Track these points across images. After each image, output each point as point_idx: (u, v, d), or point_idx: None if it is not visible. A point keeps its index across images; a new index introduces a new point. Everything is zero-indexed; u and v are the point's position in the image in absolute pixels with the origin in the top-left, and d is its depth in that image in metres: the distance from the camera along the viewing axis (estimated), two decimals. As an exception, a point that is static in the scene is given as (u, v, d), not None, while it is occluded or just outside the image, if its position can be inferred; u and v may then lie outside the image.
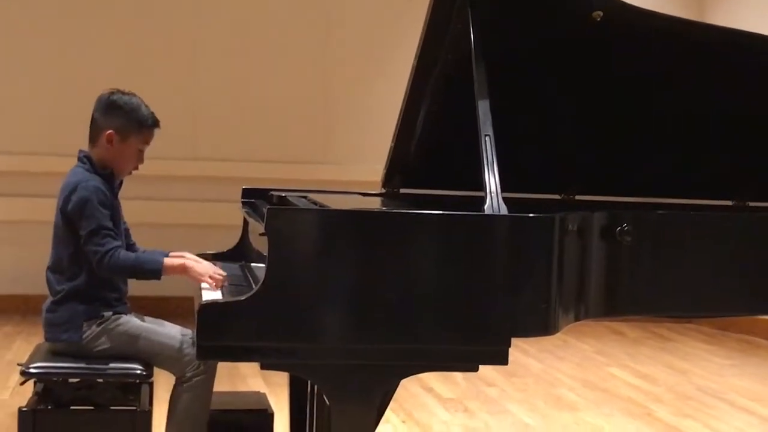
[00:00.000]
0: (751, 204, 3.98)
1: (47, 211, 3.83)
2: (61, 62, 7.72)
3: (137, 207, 5.53)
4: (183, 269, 3.43)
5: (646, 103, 3.70)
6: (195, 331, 2.74)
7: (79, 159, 3.56)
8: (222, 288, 3.36)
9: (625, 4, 3.37)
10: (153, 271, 3.41)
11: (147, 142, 3.58)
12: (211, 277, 3.37)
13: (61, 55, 7.73)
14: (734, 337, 7.87)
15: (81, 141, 3.66)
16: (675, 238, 3.30)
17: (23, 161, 7.64)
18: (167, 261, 3.44)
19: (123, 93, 3.56)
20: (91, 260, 3.38)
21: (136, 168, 3.63)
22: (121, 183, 3.62)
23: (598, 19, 3.36)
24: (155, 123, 3.56)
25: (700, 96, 3.72)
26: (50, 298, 3.50)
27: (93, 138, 3.55)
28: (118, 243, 3.41)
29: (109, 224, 3.41)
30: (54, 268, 3.51)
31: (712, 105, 3.74)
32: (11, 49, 7.71)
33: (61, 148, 6.29)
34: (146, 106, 3.56)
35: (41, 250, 3.81)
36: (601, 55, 3.52)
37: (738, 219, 3.58)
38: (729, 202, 3.97)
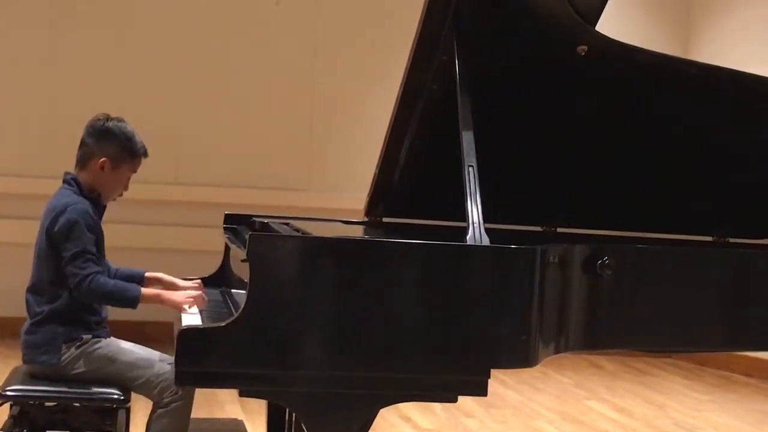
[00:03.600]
0: (731, 240, 4.00)
1: (28, 232, 3.81)
2: (45, 85, 7.70)
3: (119, 231, 5.52)
4: (159, 299, 3.44)
5: (629, 137, 3.72)
6: (174, 356, 2.73)
7: (66, 181, 3.54)
8: (202, 312, 3.36)
9: (610, 39, 3.40)
10: (130, 299, 3.41)
11: (135, 171, 3.61)
12: (187, 300, 3.40)
13: (46, 78, 7.71)
14: (712, 373, 7.89)
15: (65, 163, 3.65)
16: (655, 273, 3.31)
17: (4, 183, 7.60)
18: (144, 291, 3.45)
19: (117, 120, 3.56)
20: (70, 282, 3.37)
21: (121, 195, 3.64)
22: (104, 208, 3.62)
23: (583, 54, 3.39)
24: (145, 153, 3.58)
25: (683, 131, 3.74)
26: (29, 320, 3.48)
27: (83, 162, 3.54)
28: (99, 269, 3.41)
29: (93, 249, 3.41)
30: (34, 290, 3.49)
31: (694, 141, 3.77)
32: (-5, 70, 7.71)
33: (44, 171, 6.29)
34: (137, 134, 3.56)
35: (21, 272, 3.79)
36: (586, 89, 3.54)
37: (717, 255, 3.60)
38: (709, 238, 3.99)
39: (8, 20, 7.69)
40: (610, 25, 3.65)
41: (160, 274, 3.70)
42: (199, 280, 3.71)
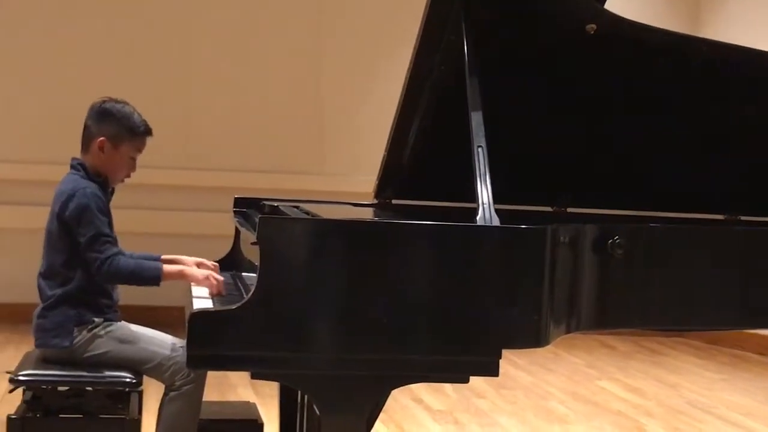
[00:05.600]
0: (743, 218, 3.99)
1: (38, 219, 3.82)
2: (53, 70, 7.71)
3: (129, 216, 5.52)
4: (181, 275, 3.44)
5: (639, 116, 3.70)
6: (186, 339, 2.73)
7: (73, 166, 3.56)
8: (213, 297, 3.36)
9: (619, 17, 3.38)
10: (152, 278, 3.42)
11: (139, 150, 3.60)
12: (209, 279, 3.37)
13: (54, 63, 7.72)
14: (724, 351, 7.88)
15: (72, 149, 3.66)
16: (666, 252, 3.29)
17: (14, 169, 7.62)
18: (166, 268, 3.45)
19: (115, 101, 3.58)
20: (91, 267, 3.38)
21: (128, 176, 3.64)
22: (113, 191, 3.62)
23: (592, 32, 3.37)
24: (147, 131, 3.57)
25: (694, 109, 3.73)
26: (41, 304, 3.49)
27: (85, 145, 3.56)
28: (117, 249, 3.43)
29: (108, 231, 3.43)
30: (46, 275, 3.50)
31: (705, 118, 3.75)
32: (2, 57, 7.70)
33: (52, 157, 6.28)
34: (138, 114, 3.57)
35: (32, 259, 3.79)
36: (595, 68, 3.53)
37: (729, 233, 3.59)
38: (721, 216, 3.98)
39: (15, 3, 7.69)
40: (619, 3, 3.63)
41: (177, 257, 3.68)
42: (216, 263, 3.68)
